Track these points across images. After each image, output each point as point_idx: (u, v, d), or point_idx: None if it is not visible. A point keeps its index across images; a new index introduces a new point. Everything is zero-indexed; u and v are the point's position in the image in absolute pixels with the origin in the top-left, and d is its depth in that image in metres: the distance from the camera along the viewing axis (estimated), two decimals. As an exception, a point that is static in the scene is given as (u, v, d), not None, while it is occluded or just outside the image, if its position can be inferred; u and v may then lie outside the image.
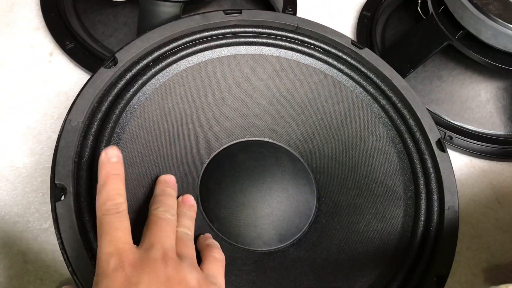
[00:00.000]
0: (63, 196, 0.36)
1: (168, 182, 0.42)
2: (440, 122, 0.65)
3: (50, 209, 0.53)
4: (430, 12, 0.63)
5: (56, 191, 0.36)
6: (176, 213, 0.40)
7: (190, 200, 0.42)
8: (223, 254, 0.40)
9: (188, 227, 0.40)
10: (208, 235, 0.43)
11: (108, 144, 0.40)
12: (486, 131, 0.65)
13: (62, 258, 0.52)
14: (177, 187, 0.42)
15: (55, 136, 0.59)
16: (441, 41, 0.62)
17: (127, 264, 0.32)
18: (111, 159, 0.37)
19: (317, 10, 0.78)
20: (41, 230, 0.53)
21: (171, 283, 0.33)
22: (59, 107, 0.61)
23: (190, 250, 0.38)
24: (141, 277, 0.32)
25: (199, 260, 0.39)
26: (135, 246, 0.35)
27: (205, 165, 0.47)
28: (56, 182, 0.36)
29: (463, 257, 0.59)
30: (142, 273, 0.32)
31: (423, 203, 0.45)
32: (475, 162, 0.66)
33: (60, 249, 0.35)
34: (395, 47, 0.69)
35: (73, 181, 0.37)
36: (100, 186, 0.35)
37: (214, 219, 0.45)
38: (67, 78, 0.64)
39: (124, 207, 0.35)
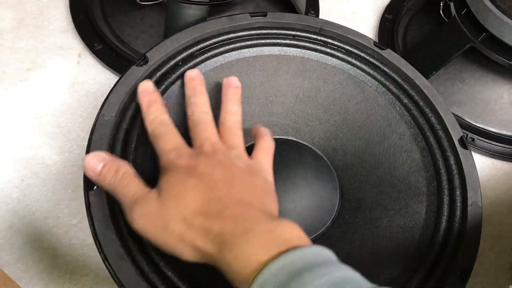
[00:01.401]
0: (95, 186, 0.37)
1: (195, 78, 0.45)
2: (462, 124, 0.65)
3: (79, 205, 0.56)
4: (453, 14, 0.64)
5: (89, 181, 0.38)
6: (224, 97, 0.45)
7: (234, 81, 0.46)
8: (272, 141, 0.44)
9: (234, 113, 0.44)
10: (259, 125, 0.47)
11: (139, 138, 0.42)
12: (509, 133, 0.65)
13: (91, 253, 0.54)
14: (203, 80, 0.46)
15: (84, 135, 0.61)
16: (463, 43, 0.62)
17: (185, 154, 0.39)
18: (148, 90, 0.42)
19: (338, 13, 0.79)
20: (70, 225, 0.55)
21: (223, 165, 0.38)
22: (88, 107, 0.63)
23: (236, 139, 0.42)
24: (199, 161, 0.38)
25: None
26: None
27: (230, 162, 0.48)
28: (90, 172, 0.38)
29: (486, 259, 0.58)
30: (199, 159, 0.38)
31: (446, 199, 0.45)
32: (497, 164, 0.66)
33: (92, 235, 0.36)
34: (417, 49, 0.69)
35: (105, 172, 0.38)
36: (144, 111, 0.41)
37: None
38: (95, 79, 0.66)
39: (170, 121, 0.42)
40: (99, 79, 0.66)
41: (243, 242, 0.31)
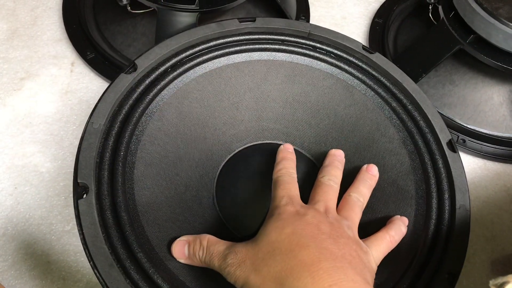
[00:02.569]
0: (85, 194, 0.38)
1: (337, 155, 0.48)
2: (453, 126, 0.66)
3: (72, 212, 0.56)
4: (441, 17, 0.64)
5: (79, 190, 0.38)
6: (358, 179, 0.46)
7: (373, 170, 0.47)
8: (396, 239, 0.42)
9: (362, 193, 0.44)
10: (399, 217, 0.45)
11: (128, 145, 0.42)
12: (500, 134, 0.66)
13: (83, 259, 0.54)
14: (344, 162, 0.48)
15: (77, 143, 0.61)
16: (452, 45, 0.62)
17: (296, 203, 0.40)
18: (288, 149, 0.48)
19: (329, 19, 0.80)
20: (63, 232, 0.55)
21: (331, 224, 0.38)
22: (81, 115, 0.64)
23: (353, 215, 0.42)
24: (307, 212, 0.38)
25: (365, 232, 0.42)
26: None
27: (221, 167, 0.49)
28: (78, 180, 0.38)
29: (478, 259, 0.59)
30: (308, 210, 0.39)
31: (434, 202, 0.45)
32: (489, 165, 0.66)
33: (82, 244, 0.36)
34: (407, 52, 0.70)
35: (94, 180, 0.39)
36: (277, 162, 0.46)
37: (229, 218, 0.46)
38: (88, 87, 0.66)
39: (295, 175, 0.45)
40: (92, 87, 0.66)
41: None
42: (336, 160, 0.48)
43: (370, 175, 0.46)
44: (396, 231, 0.43)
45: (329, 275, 0.32)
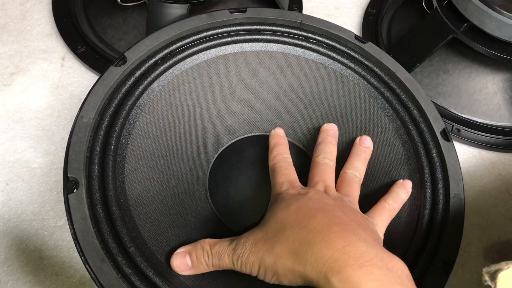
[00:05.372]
0: (75, 189, 0.37)
1: (329, 130, 0.48)
2: (447, 115, 0.65)
3: (64, 207, 0.55)
4: (434, 6, 0.64)
5: (69, 184, 0.38)
6: (352, 153, 0.47)
7: (366, 141, 0.48)
8: (396, 207, 0.43)
9: (357, 169, 0.45)
10: (403, 182, 0.45)
11: (118, 139, 0.41)
12: (494, 123, 0.65)
13: (76, 254, 0.53)
14: (337, 135, 0.49)
15: (69, 137, 0.61)
16: (446, 34, 0.62)
17: (296, 186, 0.41)
18: (279, 134, 0.48)
19: (322, 9, 0.79)
20: (56, 227, 0.55)
21: (334, 199, 0.39)
22: (72, 109, 0.63)
23: (352, 191, 0.43)
24: (308, 191, 0.39)
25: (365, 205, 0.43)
26: None
27: (213, 160, 0.48)
28: (68, 175, 0.38)
29: (473, 248, 0.59)
30: (309, 190, 0.40)
31: (428, 192, 0.45)
32: (484, 154, 0.66)
33: (73, 239, 0.36)
34: (401, 42, 0.69)
35: (85, 174, 0.38)
36: (271, 149, 0.47)
37: (223, 211, 0.46)
38: (79, 81, 0.66)
39: (290, 160, 0.46)
40: (83, 81, 0.66)
41: (357, 269, 0.31)
42: (329, 135, 0.48)
43: (363, 148, 0.47)
44: (394, 198, 0.44)
45: (341, 237, 0.33)
